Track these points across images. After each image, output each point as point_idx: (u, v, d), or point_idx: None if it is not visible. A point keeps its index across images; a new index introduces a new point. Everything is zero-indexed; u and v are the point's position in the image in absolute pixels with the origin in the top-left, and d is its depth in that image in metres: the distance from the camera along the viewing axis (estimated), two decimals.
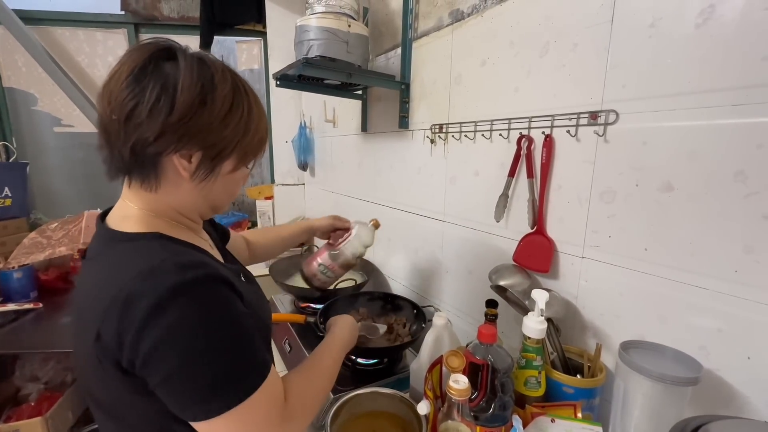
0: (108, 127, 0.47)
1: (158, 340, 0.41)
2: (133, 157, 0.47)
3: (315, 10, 1.09)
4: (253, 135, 0.54)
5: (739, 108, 0.53)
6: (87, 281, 0.51)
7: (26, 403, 1.36)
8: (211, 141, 0.49)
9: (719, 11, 0.54)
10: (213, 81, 0.49)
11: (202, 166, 0.50)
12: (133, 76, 0.46)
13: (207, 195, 0.55)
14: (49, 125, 2.17)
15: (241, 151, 0.54)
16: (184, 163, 0.49)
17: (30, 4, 2.03)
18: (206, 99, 0.48)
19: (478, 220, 0.99)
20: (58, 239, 1.59)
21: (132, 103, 0.45)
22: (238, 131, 0.51)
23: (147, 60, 0.46)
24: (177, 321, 0.42)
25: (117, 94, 0.46)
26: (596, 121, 0.70)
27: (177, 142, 0.47)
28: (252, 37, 2.25)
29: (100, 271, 0.49)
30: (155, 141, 0.46)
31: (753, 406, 0.55)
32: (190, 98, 0.46)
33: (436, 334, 0.81)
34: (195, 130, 0.47)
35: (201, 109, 0.47)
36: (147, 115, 0.45)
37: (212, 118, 0.48)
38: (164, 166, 0.50)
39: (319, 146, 1.95)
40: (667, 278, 0.63)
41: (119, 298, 0.42)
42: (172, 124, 0.46)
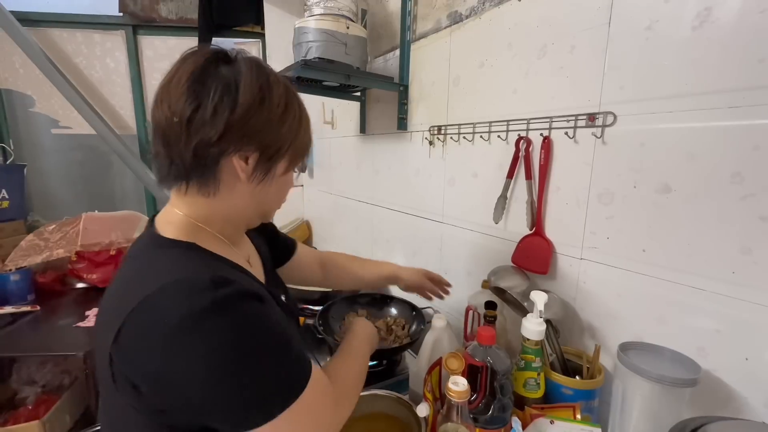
0: (167, 131, 0.47)
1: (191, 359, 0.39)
2: (195, 159, 0.47)
3: (313, 12, 1.09)
4: (303, 135, 0.55)
5: (735, 110, 0.54)
6: (120, 279, 0.50)
7: (23, 407, 1.35)
8: (269, 140, 0.50)
9: (715, 14, 0.55)
10: (269, 81, 0.49)
11: (259, 167, 0.50)
12: (193, 78, 0.46)
13: (261, 199, 0.54)
14: (47, 127, 2.16)
15: (293, 152, 0.54)
16: (242, 165, 0.49)
17: (27, 6, 2.02)
18: (265, 98, 0.48)
19: (477, 221, 0.99)
20: (56, 241, 1.59)
21: (195, 104, 0.45)
22: (292, 130, 0.52)
23: (205, 63, 0.47)
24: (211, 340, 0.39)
25: (178, 97, 0.45)
26: (594, 123, 0.70)
27: (238, 141, 0.47)
28: (250, 39, 2.25)
29: (134, 272, 0.48)
30: (218, 141, 0.46)
31: (751, 406, 0.55)
32: (251, 97, 0.47)
33: (435, 335, 0.81)
34: (256, 129, 0.48)
35: (261, 108, 0.48)
36: (211, 114, 0.45)
37: (271, 116, 0.49)
38: (223, 169, 0.49)
39: (317, 148, 1.95)
40: (665, 279, 0.63)
41: (144, 305, 0.40)
42: (235, 122, 0.46)
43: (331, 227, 1.90)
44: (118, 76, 2.18)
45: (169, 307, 0.40)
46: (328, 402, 0.49)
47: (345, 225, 1.72)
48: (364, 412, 0.75)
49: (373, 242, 1.50)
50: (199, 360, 0.39)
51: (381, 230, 1.43)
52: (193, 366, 0.39)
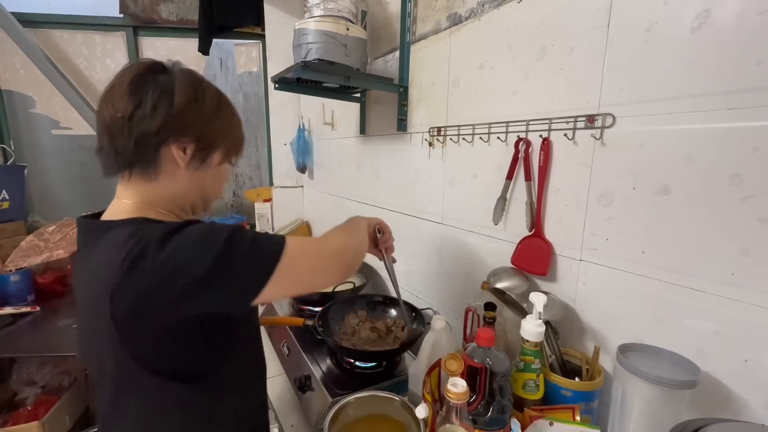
0: (112, 126, 0.53)
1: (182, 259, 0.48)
2: (137, 149, 0.54)
3: (313, 14, 1.09)
4: (235, 133, 0.64)
5: (734, 112, 0.54)
6: (85, 270, 0.56)
7: (23, 407, 1.35)
8: (204, 132, 0.58)
9: (714, 16, 0.55)
10: (202, 85, 0.59)
11: (196, 156, 0.58)
12: (134, 83, 0.53)
13: (199, 185, 0.62)
14: (47, 128, 2.17)
15: (227, 146, 0.63)
16: (181, 154, 0.57)
17: (28, 7, 2.03)
18: (198, 97, 0.57)
19: (477, 222, 0.99)
20: (56, 242, 1.59)
21: (136, 102, 0.52)
22: (224, 125, 0.61)
23: (145, 70, 0.55)
24: (185, 238, 0.49)
25: (121, 97, 0.53)
26: (593, 125, 0.70)
27: (176, 133, 0.55)
28: (250, 40, 2.26)
29: (99, 254, 0.53)
30: (157, 132, 0.53)
31: (750, 408, 0.55)
32: (185, 96, 0.55)
33: (434, 337, 0.81)
34: (191, 122, 0.56)
35: (195, 105, 0.56)
36: (150, 110, 0.53)
37: (204, 112, 0.58)
38: (163, 157, 0.56)
39: (317, 149, 1.95)
40: (664, 281, 0.63)
41: (126, 261, 0.47)
42: (172, 116, 0.54)
43: (330, 228, 1.89)
44: None
45: (149, 241, 0.48)
46: (314, 242, 0.60)
47: None
48: (364, 413, 0.75)
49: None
50: (189, 245, 0.48)
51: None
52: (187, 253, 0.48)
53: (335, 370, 0.95)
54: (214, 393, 0.58)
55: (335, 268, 0.60)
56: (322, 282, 0.60)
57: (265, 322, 1.10)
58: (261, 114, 2.37)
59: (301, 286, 0.58)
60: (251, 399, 0.69)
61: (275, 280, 0.51)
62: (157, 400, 0.55)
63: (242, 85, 2.33)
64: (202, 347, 0.55)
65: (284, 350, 1.11)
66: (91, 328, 0.55)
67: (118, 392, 0.55)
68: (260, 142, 2.42)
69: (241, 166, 2.43)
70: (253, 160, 2.44)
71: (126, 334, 0.48)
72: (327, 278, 0.60)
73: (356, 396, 0.75)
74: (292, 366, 1.03)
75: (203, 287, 0.48)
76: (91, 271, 0.53)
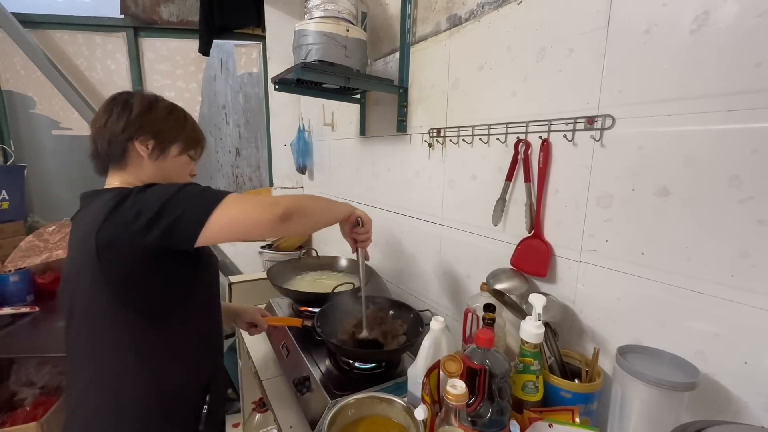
0: (95, 134, 0.75)
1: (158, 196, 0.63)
2: (110, 147, 0.74)
3: (314, 15, 1.10)
4: (189, 131, 0.81)
5: (733, 113, 0.54)
6: (78, 225, 0.71)
7: (21, 408, 1.35)
8: (159, 130, 0.76)
9: (713, 18, 0.55)
10: (156, 98, 0.79)
11: (155, 149, 0.76)
12: (107, 104, 0.76)
13: (163, 171, 0.78)
14: (47, 128, 2.17)
15: (183, 141, 0.80)
16: (143, 148, 0.75)
17: (29, 8, 2.03)
18: (152, 107, 0.77)
19: (476, 223, 0.99)
20: (56, 242, 1.59)
21: (107, 115, 0.74)
22: (177, 126, 0.79)
23: (115, 96, 0.77)
24: (162, 186, 0.66)
25: (100, 114, 0.75)
26: (593, 126, 0.70)
27: (136, 131, 0.74)
28: (251, 41, 2.26)
29: (86, 212, 0.69)
30: (122, 131, 0.73)
31: (750, 410, 0.55)
32: (141, 106, 0.75)
33: (433, 338, 0.80)
34: (146, 124, 0.75)
35: (149, 111, 0.76)
36: (116, 118, 0.74)
37: (158, 116, 0.77)
38: (130, 151, 0.75)
39: (317, 149, 1.96)
40: (663, 282, 0.63)
41: (111, 203, 0.63)
42: (132, 120, 0.74)
43: (330, 229, 1.89)
44: (118, 78, 2.18)
45: (131, 190, 0.65)
46: (257, 199, 0.67)
47: None
48: (363, 415, 0.75)
49: (372, 244, 1.49)
50: (156, 191, 0.64)
51: (380, 232, 1.43)
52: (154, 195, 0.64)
53: (334, 371, 0.95)
54: (164, 339, 0.70)
55: (265, 216, 0.66)
56: (252, 227, 0.66)
57: (269, 321, 1.10)
58: (261, 115, 2.37)
59: (236, 228, 0.65)
60: (206, 357, 0.80)
61: (213, 219, 0.62)
62: (120, 332, 0.67)
63: (242, 85, 2.33)
64: (166, 288, 0.69)
65: (283, 351, 1.10)
66: (72, 271, 0.68)
67: (85, 325, 0.68)
68: (260, 143, 2.42)
69: (241, 166, 2.43)
70: (253, 161, 2.44)
71: (104, 261, 0.62)
72: (257, 224, 0.66)
73: (355, 397, 0.75)
74: (291, 367, 1.03)
75: (158, 218, 0.61)
76: (83, 222, 0.68)
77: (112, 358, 0.67)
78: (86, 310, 0.67)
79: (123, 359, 0.67)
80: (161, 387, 0.69)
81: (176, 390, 0.71)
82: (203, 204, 0.63)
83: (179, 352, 0.73)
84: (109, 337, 0.67)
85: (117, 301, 0.65)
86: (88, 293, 0.65)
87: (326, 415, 0.70)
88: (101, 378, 0.67)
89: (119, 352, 0.67)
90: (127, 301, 0.65)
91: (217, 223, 0.62)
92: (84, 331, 0.68)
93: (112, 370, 0.67)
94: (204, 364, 0.79)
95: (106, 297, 0.64)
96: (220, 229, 0.63)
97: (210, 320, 0.83)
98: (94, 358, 0.68)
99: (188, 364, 0.74)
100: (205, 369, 0.79)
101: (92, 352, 0.68)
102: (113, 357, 0.67)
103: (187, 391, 0.74)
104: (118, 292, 0.65)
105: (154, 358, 0.69)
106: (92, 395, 0.68)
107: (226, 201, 0.64)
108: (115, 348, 0.67)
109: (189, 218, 0.62)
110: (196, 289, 0.76)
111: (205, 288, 0.79)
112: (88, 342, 0.68)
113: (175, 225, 0.62)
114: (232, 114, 2.35)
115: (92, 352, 0.68)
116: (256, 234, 0.68)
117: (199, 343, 0.78)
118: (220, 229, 0.63)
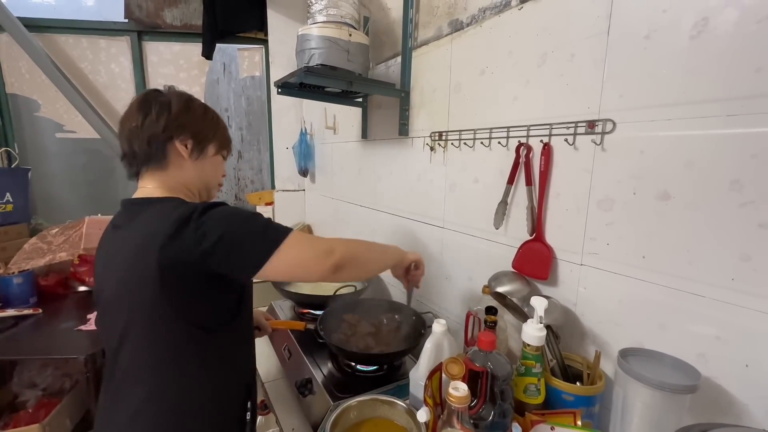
0: (130, 135, 0.72)
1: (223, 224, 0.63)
2: (149, 147, 0.72)
3: (316, 20, 1.11)
4: (223, 131, 0.83)
5: (733, 118, 0.54)
6: (126, 238, 0.69)
7: (24, 410, 1.35)
8: (197, 130, 0.76)
9: (713, 24, 0.56)
10: (191, 98, 0.78)
11: (195, 148, 0.76)
12: (140, 103, 0.73)
13: (201, 172, 0.79)
14: (52, 131, 2.18)
15: (218, 141, 0.81)
16: (183, 147, 0.74)
17: (35, 12, 2.05)
18: (189, 106, 0.76)
19: (478, 226, 0.99)
20: (59, 245, 1.60)
21: (144, 114, 0.72)
22: (212, 125, 0.80)
23: (147, 94, 0.75)
24: (224, 211, 0.65)
25: (132, 114, 0.72)
26: (594, 130, 0.71)
27: (176, 131, 0.73)
28: (253, 45, 2.27)
29: (139, 224, 0.67)
30: (163, 131, 0.72)
31: (751, 413, 0.55)
32: (179, 106, 0.74)
33: (435, 340, 0.81)
34: (186, 123, 0.74)
35: (187, 111, 0.75)
36: (156, 117, 0.72)
37: (195, 116, 0.77)
38: (170, 151, 0.74)
39: (319, 153, 1.96)
40: (665, 286, 0.63)
41: (174, 224, 0.61)
42: (171, 119, 0.72)
43: (332, 232, 1.90)
44: (122, 81, 2.20)
45: (193, 207, 0.64)
46: (315, 244, 0.69)
47: (346, 230, 1.72)
48: (365, 417, 0.75)
49: None
50: (221, 217, 0.64)
51: (382, 235, 1.43)
52: (218, 222, 0.63)
53: (336, 373, 0.95)
54: (220, 347, 0.72)
55: (320, 266, 0.68)
56: (307, 273, 0.68)
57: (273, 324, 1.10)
58: (263, 118, 2.38)
59: (292, 271, 0.67)
60: (247, 361, 0.84)
61: (274, 260, 0.64)
62: (182, 344, 0.67)
63: (245, 89, 2.34)
64: (219, 305, 0.70)
65: (285, 354, 1.11)
66: (124, 287, 0.67)
67: (144, 339, 0.67)
68: (262, 145, 2.43)
69: (244, 169, 2.44)
70: (255, 163, 2.45)
71: (166, 280, 0.62)
72: (312, 271, 0.68)
73: (357, 399, 0.75)
74: (293, 369, 1.03)
75: (222, 246, 0.61)
76: (136, 234, 0.66)
77: (172, 369, 0.68)
78: (147, 326, 0.66)
79: (186, 369, 0.68)
80: (218, 389, 0.73)
81: (228, 389, 0.75)
82: (268, 241, 0.64)
83: (231, 356, 0.76)
84: (170, 349, 0.67)
85: (179, 316, 0.65)
86: (149, 309, 0.64)
87: (328, 417, 0.70)
88: (162, 389, 0.68)
89: (181, 362, 0.68)
90: (188, 316, 0.66)
91: (277, 263, 0.64)
92: (143, 345, 0.67)
93: (175, 379, 0.68)
94: (247, 364, 0.84)
95: (168, 313, 0.64)
96: (277, 269, 0.64)
97: (250, 324, 0.86)
98: (155, 370, 0.67)
99: (238, 365, 0.78)
100: (247, 368, 0.83)
101: (155, 365, 0.67)
102: (173, 367, 0.68)
103: (236, 389, 0.77)
104: (180, 308, 0.65)
105: (212, 365, 0.71)
106: (153, 405, 0.67)
107: (287, 242, 0.65)
108: (175, 359, 0.68)
109: (251, 253, 0.63)
110: (244, 297, 0.78)
111: (249, 297, 0.82)
112: (150, 356, 0.67)
113: (238, 256, 0.63)
114: (234, 117, 2.36)
115: (155, 365, 0.67)
116: (308, 279, 0.72)
117: (244, 345, 0.82)
118: (277, 268, 0.64)
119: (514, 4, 0.85)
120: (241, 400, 0.79)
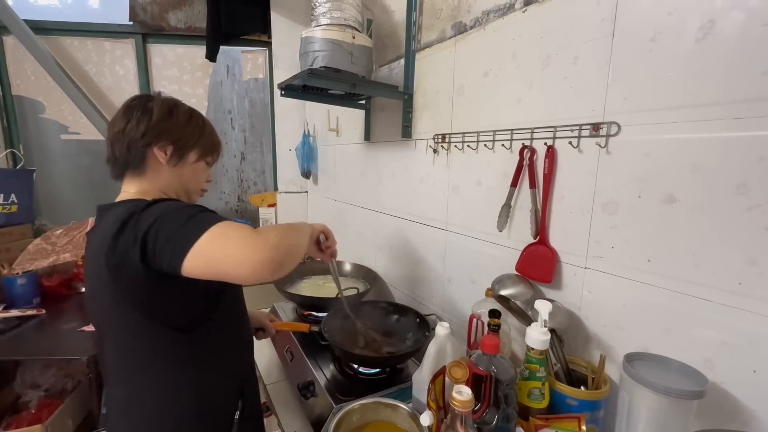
0: (113, 140, 0.73)
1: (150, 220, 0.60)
2: (128, 152, 0.72)
3: (320, 22, 1.11)
4: (208, 137, 0.81)
5: (740, 121, 0.54)
6: (92, 242, 0.70)
7: (26, 411, 1.35)
8: (179, 137, 0.75)
9: (719, 26, 0.55)
10: (176, 104, 0.78)
11: (174, 155, 0.75)
12: (125, 108, 0.74)
13: (179, 178, 0.78)
14: (56, 133, 2.19)
15: (201, 148, 0.79)
16: (162, 154, 0.74)
17: (40, 14, 2.07)
18: (172, 112, 0.76)
19: (481, 229, 0.99)
20: (63, 246, 1.60)
21: (126, 119, 0.72)
22: (196, 132, 0.78)
23: (133, 99, 0.75)
24: (159, 207, 0.62)
25: (117, 119, 0.73)
26: (598, 133, 0.70)
27: (156, 137, 0.73)
28: (257, 48, 2.28)
29: (99, 229, 0.68)
30: (142, 137, 0.72)
31: (759, 420, 0.55)
32: (161, 112, 0.74)
33: (438, 344, 0.80)
34: (166, 130, 0.74)
35: (169, 117, 0.75)
36: (136, 123, 0.72)
37: (178, 122, 0.76)
38: (149, 157, 0.73)
39: (322, 155, 1.97)
40: (670, 290, 0.63)
41: (118, 222, 0.61)
42: (152, 125, 0.72)
43: (335, 234, 1.90)
44: (127, 84, 2.21)
45: (135, 208, 0.62)
46: (246, 229, 0.61)
47: (349, 232, 1.72)
48: (368, 420, 0.75)
49: (377, 249, 1.50)
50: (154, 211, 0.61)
51: (384, 237, 1.43)
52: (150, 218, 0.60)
53: (339, 376, 0.95)
54: (199, 346, 0.70)
55: (253, 256, 0.57)
56: (235, 266, 0.57)
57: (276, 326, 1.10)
58: (267, 120, 2.39)
59: (216, 265, 0.57)
60: (236, 358, 0.80)
61: (195, 252, 0.56)
62: (154, 344, 0.67)
63: (248, 91, 2.35)
64: (187, 304, 0.68)
65: (287, 356, 1.11)
66: (94, 288, 0.68)
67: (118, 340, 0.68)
68: (265, 147, 2.44)
69: (247, 171, 2.45)
70: (258, 165, 2.46)
71: (119, 284, 0.61)
72: (241, 263, 0.57)
73: (360, 402, 0.75)
74: (296, 372, 1.03)
75: (150, 243, 0.58)
76: (96, 240, 0.67)
77: (149, 369, 0.68)
78: (115, 327, 0.67)
79: (160, 368, 0.68)
80: (199, 390, 0.71)
81: (215, 390, 0.73)
82: (189, 233, 0.57)
83: (216, 356, 0.74)
84: (144, 349, 0.67)
85: (144, 316, 0.64)
86: (113, 311, 0.65)
87: (330, 420, 0.70)
88: (142, 389, 0.68)
89: (158, 362, 0.68)
90: (156, 316, 0.65)
91: (198, 256, 0.56)
92: (117, 345, 0.68)
93: (151, 379, 0.68)
94: (237, 365, 0.81)
95: (131, 314, 0.64)
96: (200, 262, 0.56)
97: (240, 325, 0.83)
98: (131, 369, 0.68)
99: (223, 366, 0.75)
100: (238, 369, 0.80)
101: (128, 364, 0.68)
102: (150, 367, 0.68)
103: (223, 391, 0.75)
104: (142, 309, 0.64)
105: (194, 365, 0.70)
106: (135, 405, 0.68)
107: (211, 231, 0.57)
108: (151, 359, 0.67)
109: (174, 246, 0.57)
110: (225, 295, 0.74)
111: (233, 295, 0.79)
112: (124, 355, 0.68)
113: (164, 250, 0.57)
114: (237, 119, 2.38)
115: (128, 364, 0.68)
116: (235, 272, 0.57)
117: (231, 345, 0.79)
118: (200, 261, 0.56)
119: (518, 7, 0.85)
120: (233, 402, 0.77)
